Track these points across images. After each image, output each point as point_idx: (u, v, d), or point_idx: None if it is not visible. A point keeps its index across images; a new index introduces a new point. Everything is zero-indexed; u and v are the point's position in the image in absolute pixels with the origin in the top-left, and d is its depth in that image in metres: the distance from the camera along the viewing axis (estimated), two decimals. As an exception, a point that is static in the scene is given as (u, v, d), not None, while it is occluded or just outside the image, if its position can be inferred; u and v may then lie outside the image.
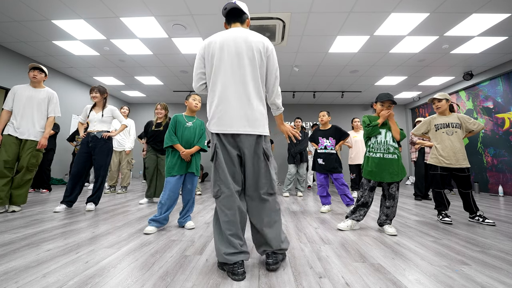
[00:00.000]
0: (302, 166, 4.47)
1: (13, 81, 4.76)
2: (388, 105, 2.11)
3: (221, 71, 1.33)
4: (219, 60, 1.34)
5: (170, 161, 2.11)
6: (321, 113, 3.07)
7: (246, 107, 1.31)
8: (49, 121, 2.76)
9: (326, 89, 6.91)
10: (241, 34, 1.36)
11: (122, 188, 4.32)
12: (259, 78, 1.35)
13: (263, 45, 1.36)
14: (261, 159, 1.33)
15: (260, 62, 1.35)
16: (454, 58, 4.77)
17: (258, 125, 1.32)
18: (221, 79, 1.33)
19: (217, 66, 1.35)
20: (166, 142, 2.10)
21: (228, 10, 1.43)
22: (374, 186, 2.13)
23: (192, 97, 2.22)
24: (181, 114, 2.22)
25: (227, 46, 1.34)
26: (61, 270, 1.24)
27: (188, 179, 2.18)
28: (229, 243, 1.23)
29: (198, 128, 2.24)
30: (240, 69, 1.32)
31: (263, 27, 3.84)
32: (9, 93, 2.62)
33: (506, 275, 1.28)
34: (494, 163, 5.19)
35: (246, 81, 1.32)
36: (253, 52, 1.33)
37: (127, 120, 4.47)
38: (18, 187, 2.59)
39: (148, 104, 8.75)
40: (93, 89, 2.92)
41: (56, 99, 2.83)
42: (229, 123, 1.30)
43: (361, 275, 1.26)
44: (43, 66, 2.77)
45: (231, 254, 1.21)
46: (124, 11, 3.48)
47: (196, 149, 2.16)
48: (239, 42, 1.34)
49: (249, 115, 1.30)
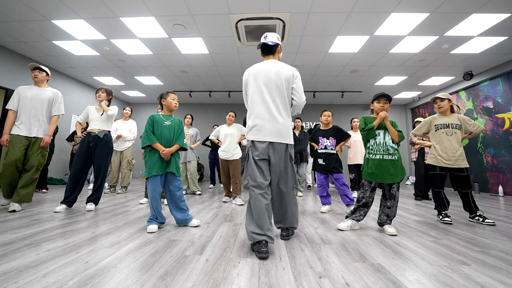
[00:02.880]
0: (302, 166, 4.48)
1: (13, 81, 4.76)
2: (385, 102, 2.11)
3: (256, 95, 1.76)
4: (254, 87, 1.78)
5: (150, 161, 2.06)
6: (327, 112, 3.03)
7: (276, 122, 1.71)
8: (54, 120, 2.80)
9: (326, 89, 6.91)
10: (272, 67, 1.78)
11: (122, 188, 4.32)
12: (286, 98, 1.77)
13: (292, 75, 1.78)
14: (287, 161, 1.74)
15: (287, 87, 1.77)
16: (454, 58, 4.77)
17: (286, 136, 1.73)
18: (257, 101, 1.76)
19: (253, 91, 1.78)
20: (144, 142, 2.05)
21: (260, 46, 1.87)
22: (375, 187, 2.13)
23: (171, 97, 2.20)
24: (158, 113, 2.20)
25: (260, 77, 1.77)
26: (61, 270, 1.24)
27: (169, 179, 2.13)
28: (256, 225, 1.58)
29: (176, 127, 2.20)
30: (271, 94, 1.74)
31: (263, 27, 3.84)
32: (13, 94, 2.65)
33: (506, 275, 1.28)
34: (494, 163, 5.19)
35: (276, 103, 1.73)
36: (282, 80, 1.75)
37: (129, 121, 4.46)
38: (26, 186, 2.61)
39: (148, 104, 8.75)
40: (100, 89, 2.97)
41: (61, 98, 2.87)
42: (264, 134, 1.70)
43: (361, 275, 1.26)
44: (44, 66, 2.77)
45: (256, 234, 1.55)
46: (124, 11, 3.48)
47: (176, 147, 2.14)
48: (270, 73, 1.76)
49: (280, 129, 1.71)
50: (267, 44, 1.84)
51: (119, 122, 4.42)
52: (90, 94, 6.88)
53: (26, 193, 2.61)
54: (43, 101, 2.72)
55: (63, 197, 2.76)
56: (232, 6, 3.37)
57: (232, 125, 3.62)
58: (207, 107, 8.58)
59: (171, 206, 2.15)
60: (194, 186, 4.28)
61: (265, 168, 1.70)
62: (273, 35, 1.85)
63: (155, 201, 2.05)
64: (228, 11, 3.48)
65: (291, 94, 1.80)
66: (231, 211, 2.87)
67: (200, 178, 7.57)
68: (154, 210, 2.04)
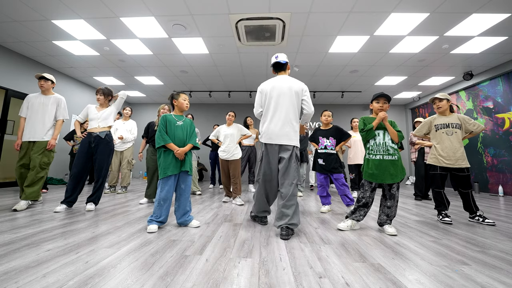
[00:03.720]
0: (302, 166, 4.48)
1: (13, 81, 4.76)
2: (384, 102, 2.11)
3: (272, 106, 2.09)
4: (270, 98, 2.11)
5: (164, 161, 2.08)
6: (327, 112, 3.04)
7: (286, 128, 2.04)
8: (58, 124, 2.97)
9: (326, 89, 6.91)
10: (284, 83, 2.11)
11: (122, 188, 4.32)
12: (296, 108, 2.10)
13: (301, 89, 2.13)
14: (293, 160, 2.03)
15: (297, 99, 2.11)
16: (454, 58, 4.77)
17: (294, 139, 2.07)
18: (271, 109, 2.09)
19: (268, 100, 2.11)
20: (158, 142, 2.07)
21: (272, 64, 2.24)
22: (375, 187, 2.13)
23: (182, 97, 2.23)
24: (170, 114, 2.22)
25: (275, 90, 2.10)
26: (61, 270, 1.24)
27: (182, 178, 2.16)
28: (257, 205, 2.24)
29: (188, 127, 2.23)
30: (283, 105, 2.07)
31: (263, 27, 3.84)
32: (23, 102, 2.90)
33: (506, 275, 1.28)
34: (494, 163, 5.19)
35: (288, 112, 2.06)
36: (293, 93, 2.08)
37: (129, 121, 4.46)
38: (31, 184, 2.73)
39: (148, 104, 8.75)
40: (98, 91, 3.02)
41: (64, 104, 3.03)
42: (275, 137, 2.05)
43: (361, 275, 1.26)
44: (49, 74, 2.95)
45: (261, 212, 2.25)
46: (124, 11, 3.48)
47: (189, 147, 2.17)
48: (283, 87, 2.10)
49: (288, 133, 2.05)
50: (280, 62, 2.19)
51: (119, 122, 4.42)
52: (90, 94, 6.88)
53: (32, 191, 2.73)
54: (47, 107, 2.90)
55: (63, 197, 2.77)
56: (232, 6, 3.37)
57: (232, 125, 3.62)
58: (207, 107, 8.58)
59: (177, 206, 2.16)
60: (194, 186, 4.29)
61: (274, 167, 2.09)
62: (283, 55, 2.21)
63: (166, 201, 2.04)
64: (228, 11, 3.48)
65: (301, 105, 2.14)
66: (231, 211, 2.87)
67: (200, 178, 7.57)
68: (163, 210, 2.03)
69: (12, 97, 4.77)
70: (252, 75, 5.94)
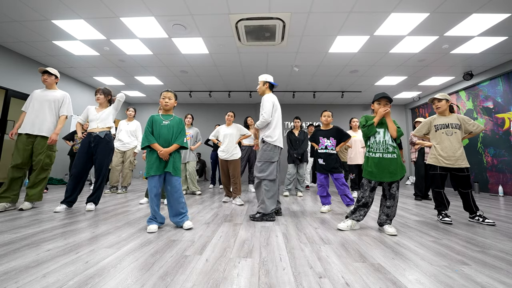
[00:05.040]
0: (302, 166, 4.48)
1: (13, 81, 4.76)
2: (385, 103, 2.12)
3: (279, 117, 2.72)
4: (275, 110, 2.66)
5: (148, 161, 2.07)
6: (327, 112, 3.04)
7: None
8: (61, 119, 2.90)
9: (326, 89, 6.91)
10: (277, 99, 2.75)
11: (123, 188, 4.32)
12: None
13: None
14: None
15: None
16: (454, 58, 4.77)
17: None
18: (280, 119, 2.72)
19: (278, 112, 2.69)
20: (143, 142, 2.06)
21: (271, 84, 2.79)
22: (374, 187, 2.13)
23: (162, 96, 2.20)
24: (158, 114, 2.21)
25: (277, 104, 2.72)
26: (61, 270, 1.24)
27: (167, 179, 2.11)
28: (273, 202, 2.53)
29: (176, 126, 2.17)
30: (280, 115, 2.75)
31: (263, 27, 3.84)
32: (28, 97, 2.86)
33: (506, 275, 1.28)
34: (494, 163, 5.19)
35: None
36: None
37: (134, 122, 4.44)
38: (33, 185, 2.72)
39: (148, 104, 8.75)
40: (98, 91, 3.01)
41: (69, 99, 2.99)
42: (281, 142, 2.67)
43: (361, 275, 1.26)
44: (52, 69, 2.92)
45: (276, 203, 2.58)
46: (124, 11, 3.48)
47: (174, 147, 2.10)
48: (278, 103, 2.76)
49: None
50: (274, 84, 2.79)
51: (123, 122, 4.38)
52: (90, 94, 6.88)
53: (34, 193, 2.72)
54: (49, 102, 2.84)
55: (63, 197, 2.77)
56: (232, 6, 3.37)
57: (232, 125, 3.62)
58: (207, 107, 8.58)
59: (169, 206, 2.13)
60: (193, 186, 4.28)
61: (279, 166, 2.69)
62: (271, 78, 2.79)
63: (151, 200, 2.05)
64: (228, 11, 3.48)
65: None
66: (231, 211, 2.87)
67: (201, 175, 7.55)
68: (153, 210, 2.04)
69: (12, 97, 4.76)
70: (252, 75, 5.94)
